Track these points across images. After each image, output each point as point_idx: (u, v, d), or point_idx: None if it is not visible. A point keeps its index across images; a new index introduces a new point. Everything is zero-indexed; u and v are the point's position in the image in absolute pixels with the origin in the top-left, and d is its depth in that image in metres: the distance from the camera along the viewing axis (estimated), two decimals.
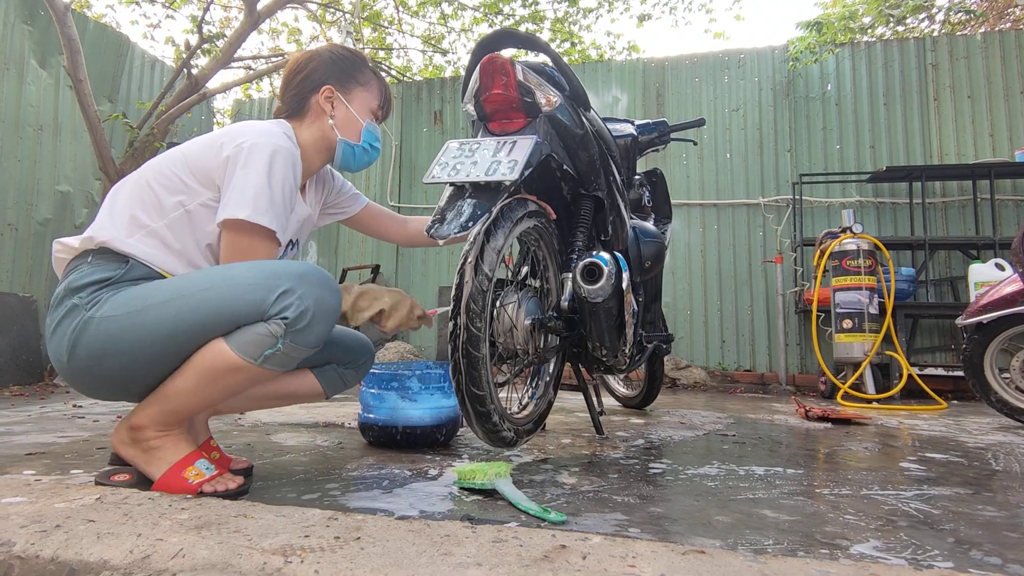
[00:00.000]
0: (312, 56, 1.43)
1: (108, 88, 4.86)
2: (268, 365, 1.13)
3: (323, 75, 1.40)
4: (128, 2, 5.84)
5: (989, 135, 4.68)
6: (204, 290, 1.12)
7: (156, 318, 1.11)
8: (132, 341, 1.11)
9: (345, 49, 1.47)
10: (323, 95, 1.39)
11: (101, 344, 1.11)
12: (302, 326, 1.12)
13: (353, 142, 1.42)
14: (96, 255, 1.18)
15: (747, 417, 2.68)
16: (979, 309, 2.52)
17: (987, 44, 4.80)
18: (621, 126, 2.33)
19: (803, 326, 4.71)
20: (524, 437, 1.53)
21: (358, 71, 1.45)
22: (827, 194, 4.90)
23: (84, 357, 1.13)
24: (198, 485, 1.13)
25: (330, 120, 1.39)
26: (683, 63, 5.36)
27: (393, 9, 6.26)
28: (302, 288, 1.12)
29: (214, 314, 1.10)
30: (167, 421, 1.16)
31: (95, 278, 1.15)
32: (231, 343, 1.11)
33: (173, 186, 1.22)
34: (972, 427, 2.48)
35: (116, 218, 1.21)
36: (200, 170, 1.22)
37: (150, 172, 1.25)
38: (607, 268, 1.43)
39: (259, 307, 1.11)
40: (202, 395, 1.15)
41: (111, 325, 1.11)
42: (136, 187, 1.24)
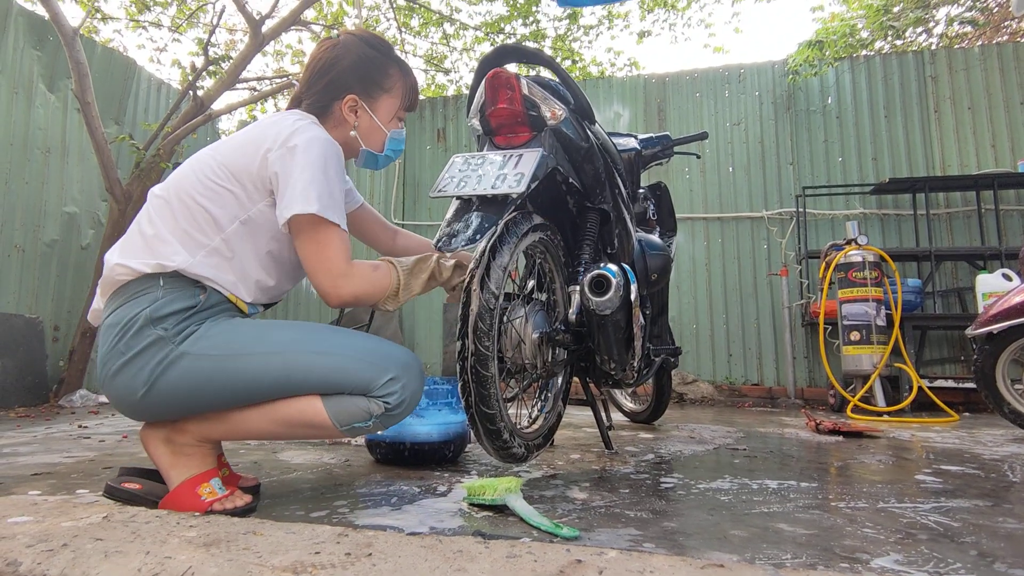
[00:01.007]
0: (337, 56, 1.35)
1: (115, 111, 4.92)
2: (349, 434, 1.18)
3: (348, 82, 1.35)
4: (135, 27, 5.93)
5: (991, 146, 4.69)
6: (318, 353, 1.15)
7: (260, 367, 1.12)
8: (226, 382, 1.11)
9: (370, 45, 1.39)
10: (347, 104, 1.35)
11: (191, 381, 1.10)
12: (396, 413, 1.18)
13: (376, 151, 1.41)
14: (168, 279, 1.13)
15: (757, 431, 2.65)
16: (989, 319, 2.50)
17: (985, 56, 4.82)
18: (625, 140, 2.34)
19: (810, 339, 4.69)
20: (534, 452, 1.52)
21: (384, 75, 1.39)
22: (830, 206, 4.89)
23: (166, 391, 1.11)
24: (209, 503, 1.14)
25: (352, 132, 1.37)
26: (684, 78, 5.40)
27: (396, 30, 6.35)
28: (406, 379, 1.18)
29: (322, 379, 1.13)
30: (212, 437, 1.19)
31: (177, 307, 1.12)
32: (329, 406, 1.14)
33: (222, 199, 1.19)
34: (986, 439, 2.45)
35: (174, 240, 1.16)
36: (247, 176, 1.19)
37: (193, 187, 1.19)
38: (615, 280, 1.43)
39: (368, 385, 1.15)
40: (266, 432, 1.18)
41: (206, 364, 1.10)
42: (183, 204, 1.18)
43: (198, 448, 1.19)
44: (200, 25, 6.17)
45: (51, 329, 4.23)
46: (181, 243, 1.15)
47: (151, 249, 1.15)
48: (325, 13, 6.16)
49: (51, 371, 4.11)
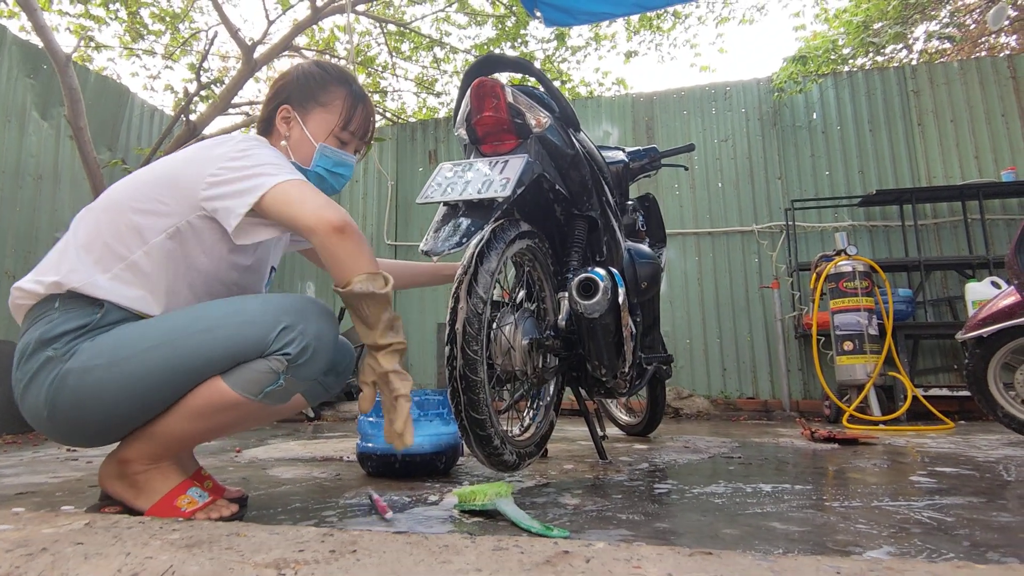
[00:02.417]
0: (287, 73, 1.37)
1: (108, 138, 4.94)
2: (268, 401, 1.11)
3: (286, 94, 1.34)
4: (128, 55, 6.00)
5: (974, 157, 4.76)
6: (202, 331, 1.08)
7: (146, 365, 1.06)
8: (119, 390, 1.06)
9: (321, 67, 1.38)
10: (280, 115, 1.33)
11: (85, 395, 1.06)
12: (303, 361, 1.10)
13: (303, 166, 1.32)
14: (65, 300, 1.10)
15: (752, 441, 2.63)
16: (978, 323, 2.52)
17: (965, 71, 4.92)
18: (613, 153, 2.36)
19: (804, 351, 4.69)
20: (526, 460, 1.50)
21: (322, 90, 1.34)
22: (819, 219, 4.94)
23: (66, 409, 1.07)
24: (191, 513, 1.11)
25: (283, 141, 1.32)
26: (671, 97, 5.49)
27: (387, 55, 6.44)
28: (303, 323, 1.10)
29: (215, 356, 1.07)
30: (156, 455, 1.13)
31: (69, 327, 1.08)
32: (230, 381, 1.08)
33: (152, 209, 1.13)
34: (981, 443, 2.44)
35: (85, 254, 1.12)
36: (183, 190, 1.14)
37: (126, 198, 1.15)
38: (603, 283, 1.43)
39: (260, 345, 1.08)
40: (195, 432, 1.13)
41: (94, 376, 1.06)
42: (110, 216, 1.14)
43: (156, 469, 1.13)
44: (193, 52, 6.25)
45: None
46: (95, 257, 1.12)
47: (56, 264, 1.12)
48: (317, 39, 6.25)
49: None
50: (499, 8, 5.98)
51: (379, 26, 6.10)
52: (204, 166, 1.15)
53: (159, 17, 5.70)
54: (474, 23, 6.37)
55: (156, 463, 1.13)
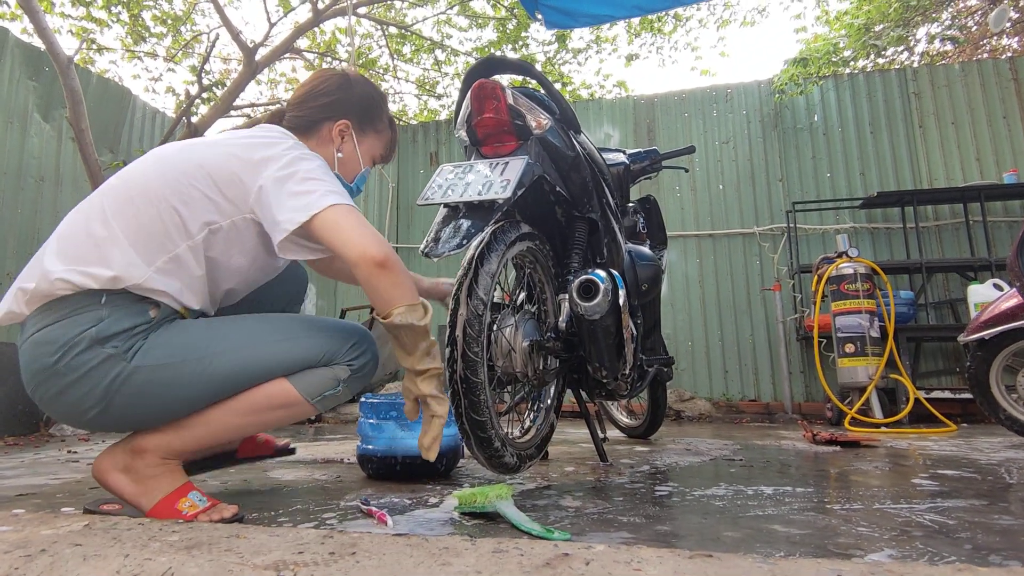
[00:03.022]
0: (343, 83, 1.40)
1: (110, 140, 4.95)
2: (321, 405, 1.21)
3: (347, 109, 1.39)
4: (131, 57, 6.01)
5: (976, 159, 4.75)
6: (282, 340, 1.17)
7: (228, 364, 1.12)
8: (191, 386, 1.10)
9: (377, 91, 1.46)
10: (338, 127, 1.38)
11: (151, 392, 1.08)
12: (362, 375, 1.25)
13: (347, 181, 1.43)
14: (112, 296, 1.07)
15: (754, 443, 2.63)
16: (980, 325, 2.51)
17: (966, 73, 4.92)
18: (613, 155, 2.36)
19: (805, 353, 4.68)
20: (526, 462, 1.50)
21: (379, 118, 1.46)
22: (820, 221, 4.94)
23: (123, 406, 1.08)
24: (192, 516, 1.11)
25: (338, 153, 1.39)
26: (672, 99, 5.49)
27: (388, 57, 6.45)
28: (366, 344, 1.26)
29: (291, 361, 1.17)
30: (176, 450, 1.15)
31: (126, 325, 1.07)
32: (296, 383, 1.17)
33: (198, 204, 1.13)
34: (984, 446, 2.44)
35: (131, 247, 1.09)
36: (232, 187, 1.15)
37: (165, 187, 1.13)
38: (603, 285, 1.43)
39: (332, 356, 1.20)
40: (236, 428, 1.18)
41: (167, 373, 1.08)
42: (151, 204, 1.12)
43: (164, 467, 1.14)
44: (195, 55, 6.26)
45: None
46: (139, 250, 1.09)
47: (102, 256, 1.07)
48: (318, 41, 6.26)
49: None
50: (500, 11, 5.99)
51: (380, 28, 6.12)
52: (256, 170, 1.16)
53: (161, 20, 5.71)
54: (475, 25, 6.38)
55: (169, 460, 1.15)
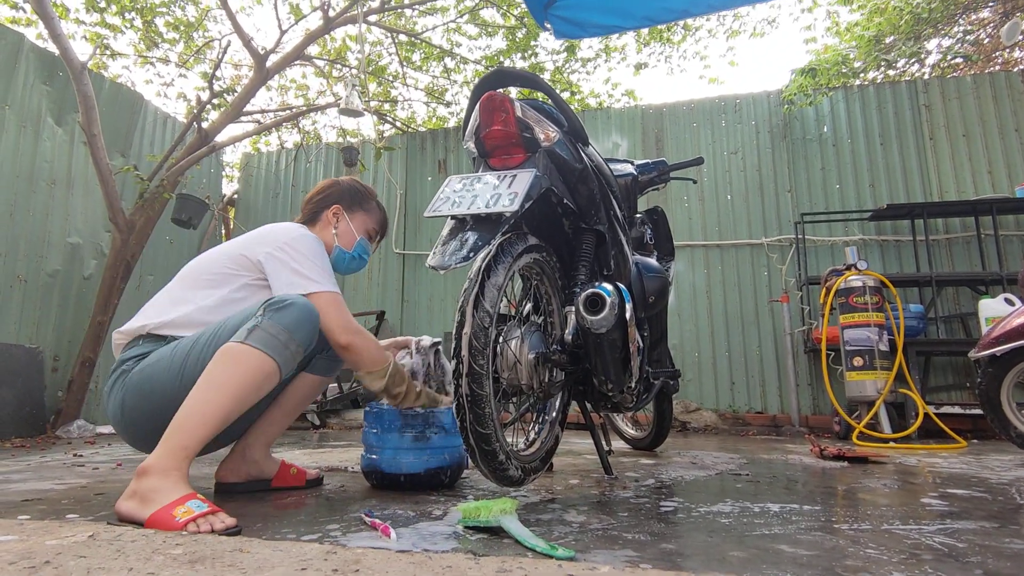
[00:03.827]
0: (334, 183, 1.84)
1: (121, 144, 5.00)
2: (252, 341, 1.33)
3: (337, 197, 1.81)
4: (143, 63, 6.07)
5: (987, 172, 4.72)
6: (218, 323, 1.46)
7: (182, 352, 1.42)
8: (164, 375, 1.40)
9: (363, 186, 1.88)
10: (332, 211, 1.79)
11: (144, 385, 1.41)
12: (280, 307, 1.38)
13: (346, 249, 1.78)
14: (144, 338, 1.51)
15: (760, 457, 2.61)
16: (991, 341, 2.48)
17: (978, 85, 4.90)
18: (621, 166, 2.36)
19: (813, 366, 4.65)
20: (531, 475, 1.49)
21: (365, 201, 1.85)
22: (829, 233, 4.91)
23: (133, 400, 1.43)
24: (183, 524, 1.12)
25: (333, 230, 1.77)
26: (680, 109, 5.49)
27: (398, 64, 6.48)
28: (288, 295, 1.44)
29: (221, 331, 1.42)
30: (174, 452, 1.25)
31: (141, 351, 1.47)
32: (233, 338, 1.37)
33: (220, 275, 1.56)
34: (994, 464, 2.41)
35: (167, 308, 1.53)
36: (244, 265, 1.57)
37: (197, 272, 1.59)
38: (610, 298, 1.43)
39: (253, 311, 1.42)
40: (203, 399, 1.29)
41: (146, 371, 1.43)
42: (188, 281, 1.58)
43: (165, 480, 1.22)
44: (206, 60, 6.32)
45: (51, 359, 4.22)
46: (176, 308, 1.53)
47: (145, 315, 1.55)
48: (329, 48, 6.31)
49: (49, 401, 4.09)
50: (510, 20, 6.01)
51: (390, 36, 6.15)
52: (264, 246, 1.58)
53: (173, 26, 5.77)
54: (485, 34, 6.41)
55: (168, 471, 1.23)
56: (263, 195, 6.32)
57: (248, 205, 6.33)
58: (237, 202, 6.38)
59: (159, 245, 5.21)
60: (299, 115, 5.70)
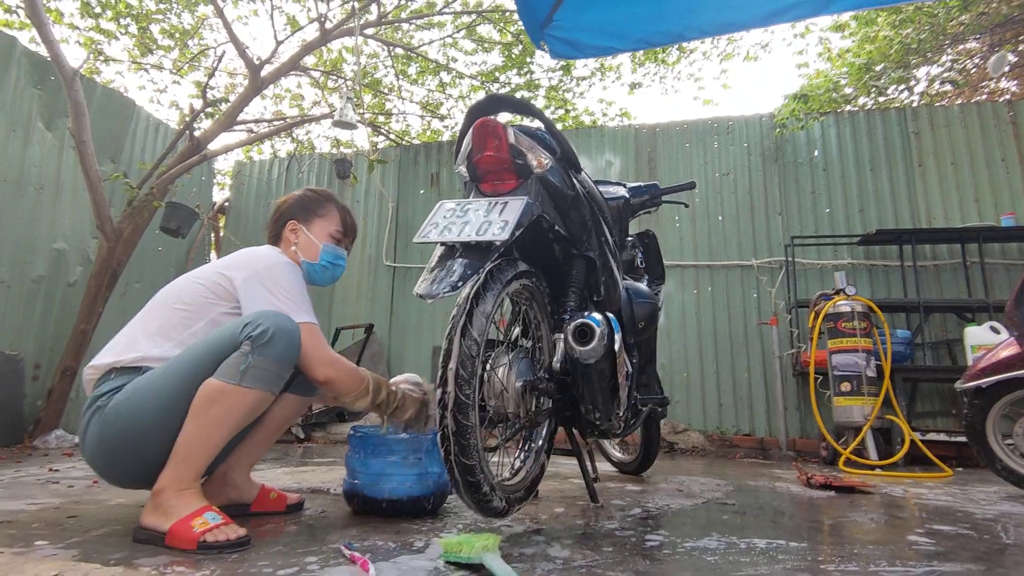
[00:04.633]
0: (285, 199, 1.80)
1: (112, 150, 4.96)
2: (247, 382, 1.35)
3: (290, 213, 1.76)
4: (136, 68, 6.04)
5: (974, 200, 4.78)
6: (192, 349, 1.42)
7: (159, 383, 1.38)
8: (143, 406, 1.36)
9: (313, 191, 1.82)
10: (289, 228, 1.74)
11: (120, 422, 1.36)
12: (265, 341, 1.37)
13: (312, 261, 1.72)
14: (117, 372, 1.45)
15: (747, 484, 2.59)
16: (977, 373, 2.49)
17: (965, 114, 4.97)
18: (614, 188, 2.36)
19: (801, 389, 4.65)
20: (515, 505, 1.47)
21: (319, 207, 1.78)
22: (819, 256, 4.94)
23: (111, 435, 1.37)
24: (200, 534, 1.25)
25: (293, 247, 1.73)
26: (673, 129, 5.52)
27: (393, 77, 6.50)
28: (262, 318, 1.40)
29: (205, 364, 1.37)
30: (183, 477, 1.34)
31: (114, 385, 1.42)
32: (215, 374, 1.36)
33: (198, 306, 1.51)
34: (979, 496, 2.40)
35: (141, 340, 1.48)
36: (218, 292, 1.53)
37: (170, 301, 1.54)
38: (599, 329, 1.41)
39: (233, 342, 1.38)
40: (204, 434, 1.34)
41: (123, 405, 1.37)
42: (167, 309, 1.53)
43: (181, 496, 1.33)
44: (201, 68, 6.30)
45: (32, 367, 4.14)
46: (150, 339, 1.48)
47: (118, 348, 1.49)
48: (325, 59, 6.31)
49: (28, 410, 4.01)
50: (506, 36, 6.05)
51: (386, 49, 6.17)
52: (239, 272, 1.53)
53: (169, 33, 5.75)
54: (481, 50, 6.44)
55: (183, 489, 1.34)
56: (254, 204, 6.28)
57: (239, 213, 6.29)
58: (228, 210, 6.34)
59: (147, 253, 5.15)
60: (293, 126, 5.68)
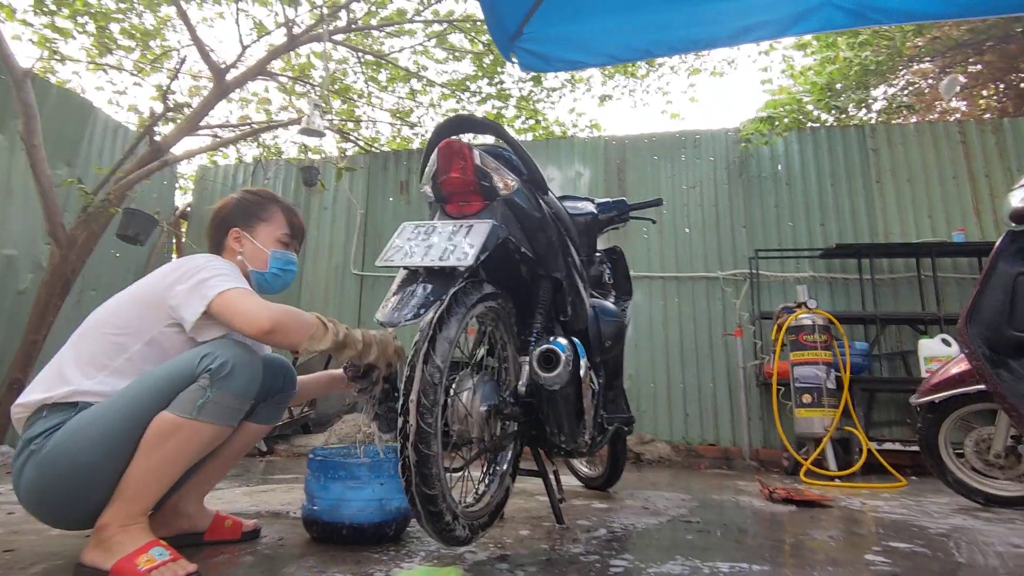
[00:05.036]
0: (223, 205, 1.67)
1: (68, 152, 4.78)
2: (204, 416, 1.29)
3: (231, 219, 1.64)
4: (95, 68, 5.85)
5: (928, 216, 4.94)
6: (143, 382, 1.32)
7: (106, 420, 1.28)
8: (88, 447, 1.25)
9: (252, 192, 1.71)
10: (232, 236, 1.63)
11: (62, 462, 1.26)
12: (225, 374, 1.31)
13: (261, 270, 1.63)
14: (50, 408, 1.33)
15: (712, 499, 2.61)
16: (930, 389, 2.57)
17: (920, 133, 5.15)
18: (582, 204, 2.37)
19: (764, 399, 4.73)
20: (479, 532, 1.45)
21: (262, 210, 1.67)
22: (782, 269, 5.04)
23: (52, 478, 1.27)
24: (146, 572, 1.19)
25: (239, 256, 1.62)
26: (642, 141, 5.59)
27: (363, 83, 6.43)
28: (220, 350, 1.34)
29: (158, 396, 1.29)
30: (129, 513, 1.28)
31: (49, 425, 1.30)
32: (170, 408, 1.29)
33: (131, 326, 1.39)
34: (932, 508, 2.47)
35: (73, 372, 1.35)
36: (150, 304, 1.40)
37: (106, 320, 1.41)
38: (564, 355, 1.40)
39: (190, 374, 1.30)
40: (154, 470, 1.28)
41: (64, 446, 1.26)
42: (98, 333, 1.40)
43: (126, 532, 1.27)
44: (164, 69, 6.13)
45: None
46: (83, 369, 1.35)
47: (48, 384, 1.35)
48: (293, 64, 6.20)
49: None
50: (477, 46, 6.04)
51: (356, 55, 6.10)
52: (168, 278, 1.41)
53: (129, 33, 5.59)
54: (452, 58, 6.42)
55: (128, 525, 1.27)
56: None
57: (201, 219, 6.12)
58: (190, 215, 6.17)
59: (104, 259, 4.97)
60: (259, 131, 5.57)
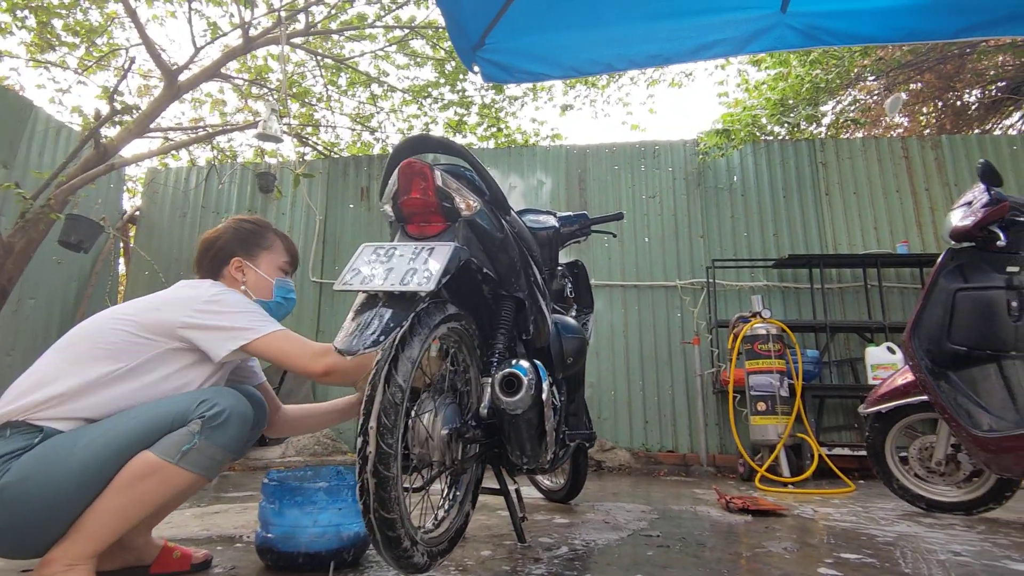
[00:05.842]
0: (217, 236, 1.62)
1: (5, 154, 4.55)
2: (185, 464, 1.24)
3: (231, 249, 1.60)
4: (36, 65, 5.58)
5: (873, 228, 5.16)
6: (133, 420, 1.26)
7: (85, 454, 1.19)
8: (64, 480, 1.17)
9: (248, 220, 1.68)
10: (234, 266, 1.59)
11: (32, 492, 1.16)
12: (218, 423, 1.27)
13: (266, 299, 1.61)
14: (12, 428, 1.23)
15: (671, 509, 2.65)
16: (877, 399, 2.67)
17: (866, 148, 5.37)
18: (544, 218, 2.37)
19: (721, 406, 4.84)
20: (438, 559, 1.42)
21: (261, 238, 1.65)
22: (737, 278, 5.18)
23: (12, 508, 1.16)
24: None
25: (242, 287, 1.58)
26: (603, 151, 5.66)
27: (323, 87, 6.32)
28: (219, 397, 1.31)
29: (143, 435, 1.23)
30: (81, 553, 1.20)
31: (12, 448, 1.20)
32: (152, 448, 1.23)
33: (123, 345, 1.33)
34: (879, 515, 2.56)
35: (49, 387, 1.26)
36: (153, 328, 1.36)
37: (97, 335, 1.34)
38: (526, 379, 1.40)
39: (183, 416, 1.26)
40: (120, 510, 1.21)
41: (33, 479, 1.16)
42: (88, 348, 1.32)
43: (69, 572, 1.19)
44: (111, 68, 5.89)
45: None
46: (61, 391, 1.26)
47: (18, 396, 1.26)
48: (249, 66, 6.05)
49: None
50: (439, 52, 6.01)
51: (315, 58, 5.99)
52: (179, 304, 1.38)
53: (73, 30, 5.35)
54: (414, 64, 6.37)
55: (73, 565, 1.19)
56: (169, 214, 5.92)
57: (151, 224, 5.90)
58: (139, 220, 5.94)
59: (45, 266, 4.74)
60: (213, 135, 5.40)
